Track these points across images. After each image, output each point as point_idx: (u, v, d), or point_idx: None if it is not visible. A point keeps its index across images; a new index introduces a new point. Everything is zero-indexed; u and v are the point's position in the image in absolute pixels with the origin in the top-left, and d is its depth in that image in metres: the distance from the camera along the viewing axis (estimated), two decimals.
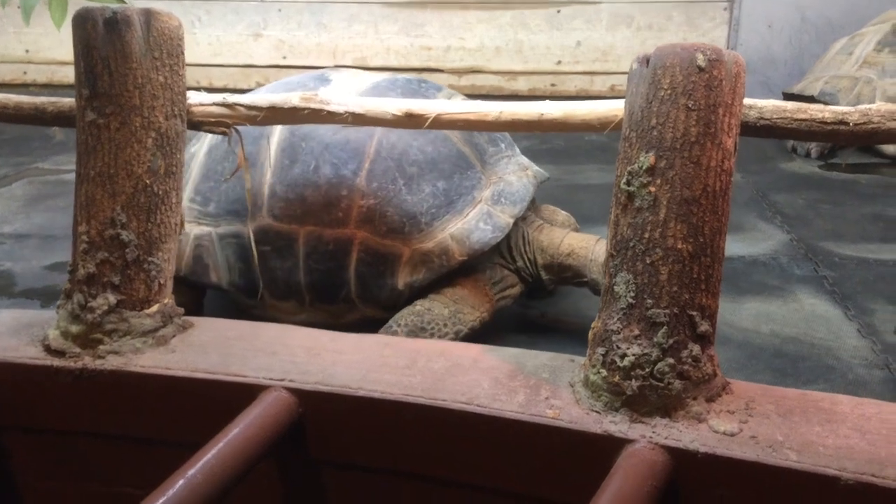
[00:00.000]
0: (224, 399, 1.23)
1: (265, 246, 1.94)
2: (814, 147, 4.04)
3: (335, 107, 1.44)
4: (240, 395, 1.22)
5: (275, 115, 1.47)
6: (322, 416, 1.23)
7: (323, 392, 1.21)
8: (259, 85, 5.48)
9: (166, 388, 1.28)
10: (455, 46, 5.32)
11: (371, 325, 1.94)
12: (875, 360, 1.99)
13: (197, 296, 2.15)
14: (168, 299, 1.39)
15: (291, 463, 1.28)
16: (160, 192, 1.36)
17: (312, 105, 1.44)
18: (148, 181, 1.35)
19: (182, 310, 1.42)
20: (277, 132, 1.98)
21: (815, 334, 2.13)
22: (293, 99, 1.45)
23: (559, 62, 5.29)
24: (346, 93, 1.99)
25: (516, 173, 2.06)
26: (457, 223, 1.92)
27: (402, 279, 1.90)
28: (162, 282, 1.38)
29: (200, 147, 2.10)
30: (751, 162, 3.94)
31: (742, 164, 3.88)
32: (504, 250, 2.07)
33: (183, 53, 1.40)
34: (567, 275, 2.10)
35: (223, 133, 1.48)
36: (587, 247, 2.08)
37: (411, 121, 1.43)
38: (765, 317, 2.23)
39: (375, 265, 1.91)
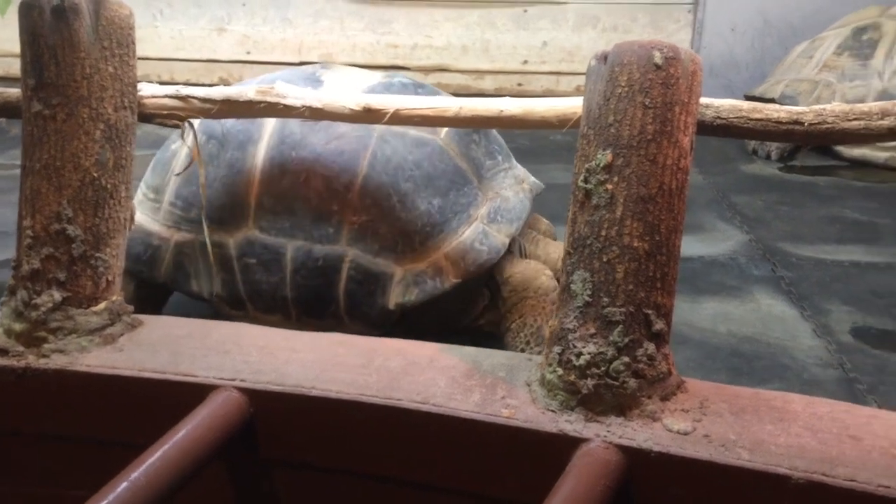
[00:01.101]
0: (173, 399, 1.20)
1: (250, 258, 1.87)
2: (773, 149, 4.09)
3: (292, 100, 1.42)
4: (189, 395, 1.19)
5: (230, 108, 1.44)
6: (274, 416, 1.20)
7: (275, 392, 1.18)
8: (222, 80, 5.40)
9: (113, 388, 1.24)
10: (422, 44, 5.30)
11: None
12: (829, 359, 2.02)
13: (157, 294, 2.08)
14: (116, 296, 1.35)
15: (242, 464, 1.25)
16: (108, 186, 1.32)
17: (269, 98, 1.42)
18: (96, 174, 1.31)
19: (131, 307, 1.38)
20: (266, 139, 1.87)
21: (771, 334, 2.15)
22: (249, 92, 1.42)
23: (525, 62, 5.30)
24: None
25: (513, 188, 1.99)
26: (452, 242, 1.85)
27: (394, 299, 1.83)
28: (110, 278, 1.34)
29: (181, 147, 2.00)
30: (712, 163, 3.98)
31: (703, 165, 3.92)
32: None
33: (134, 43, 1.36)
34: None
35: (175, 126, 1.44)
36: None
37: (369, 115, 1.41)
38: (722, 316, 2.25)
39: (366, 284, 1.85)
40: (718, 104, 1.30)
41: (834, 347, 2.08)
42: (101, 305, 1.32)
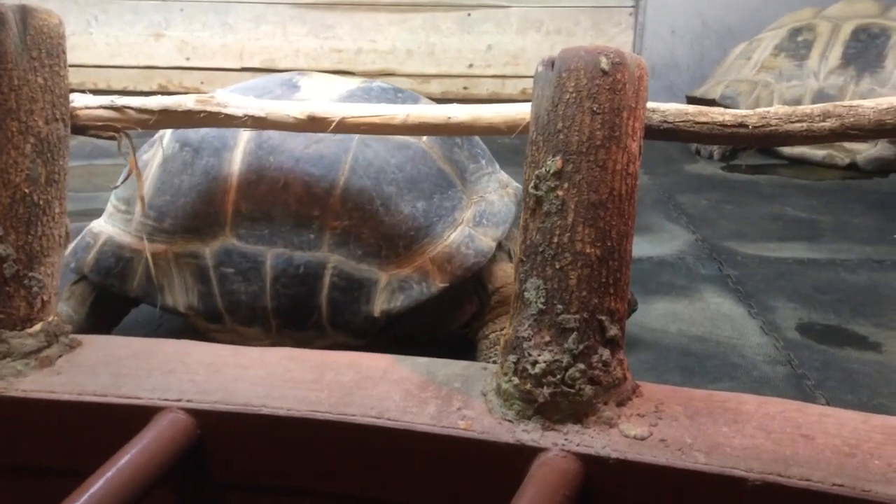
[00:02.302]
0: (116, 423, 1.15)
1: (228, 268, 1.79)
2: (716, 149, 4.18)
3: (233, 110, 1.38)
4: (133, 418, 1.14)
5: (168, 118, 1.39)
6: (223, 437, 1.16)
7: (223, 412, 1.14)
8: (161, 88, 5.28)
9: (52, 414, 1.18)
10: (366, 49, 5.26)
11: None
12: (777, 356, 2.06)
13: (115, 310, 2.01)
14: (53, 317, 1.29)
15: (191, 488, 1.20)
16: (41, 203, 1.26)
17: (209, 108, 1.37)
18: (27, 190, 1.25)
19: (69, 327, 1.32)
20: (242, 145, 1.80)
21: (720, 333, 2.18)
22: (188, 101, 1.38)
23: (471, 65, 5.31)
24: (318, 98, 1.84)
25: (497, 192, 1.95)
26: (437, 246, 1.80)
27: (379, 306, 1.77)
28: (45, 298, 1.28)
29: (154, 156, 1.91)
30: (657, 164, 4.04)
31: (648, 166, 3.98)
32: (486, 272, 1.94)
33: (64, 53, 1.31)
34: None
35: (111, 138, 1.39)
36: None
37: (314, 124, 1.38)
38: (673, 316, 2.28)
39: (350, 291, 1.79)
40: (665, 108, 1.30)
41: (781, 344, 2.12)
42: (37, 327, 1.26)
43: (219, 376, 1.22)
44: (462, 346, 1.91)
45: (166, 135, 1.90)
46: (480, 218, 1.86)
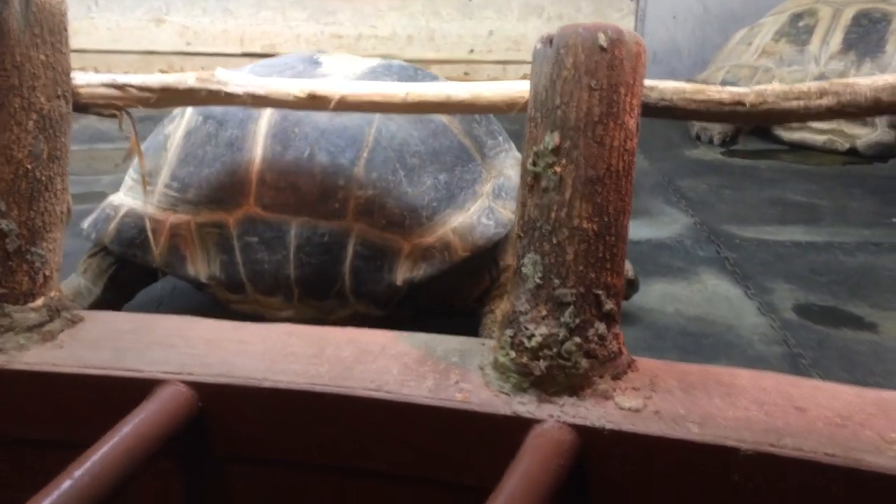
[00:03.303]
0: (117, 396, 1.17)
1: (251, 237, 1.82)
2: (716, 134, 4.18)
3: (234, 88, 1.38)
4: (134, 391, 1.16)
5: (169, 96, 1.40)
6: (224, 410, 1.17)
7: (224, 384, 1.16)
8: (162, 73, 5.28)
9: (54, 387, 1.20)
10: (367, 34, 5.26)
11: (362, 323, 1.85)
12: (774, 336, 2.07)
13: (134, 282, 2.03)
14: (55, 292, 1.31)
15: (193, 459, 1.22)
16: (43, 178, 1.27)
17: (209, 86, 1.38)
18: (29, 166, 1.26)
19: (72, 303, 1.34)
20: (266, 116, 1.84)
21: (717, 313, 2.19)
22: (188, 79, 1.38)
23: (472, 51, 5.31)
24: (340, 77, 1.89)
25: (514, 168, 1.98)
26: (459, 218, 1.83)
27: (402, 275, 1.80)
28: (47, 273, 1.29)
29: (176, 129, 1.94)
30: (657, 149, 4.04)
31: (649, 150, 3.98)
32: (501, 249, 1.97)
33: (66, 30, 1.31)
34: None
35: (112, 116, 1.40)
36: None
37: (315, 102, 1.39)
38: (670, 297, 2.29)
39: (373, 259, 1.81)
40: (663, 86, 1.30)
41: (778, 324, 2.13)
42: (39, 301, 1.27)
43: (220, 351, 1.24)
44: (467, 327, 1.93)
45: (188, 108, 1.93)
46: (499, 191, 1.90)
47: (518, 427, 1.10)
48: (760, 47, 4.38)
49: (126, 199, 1.95)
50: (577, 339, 1.14)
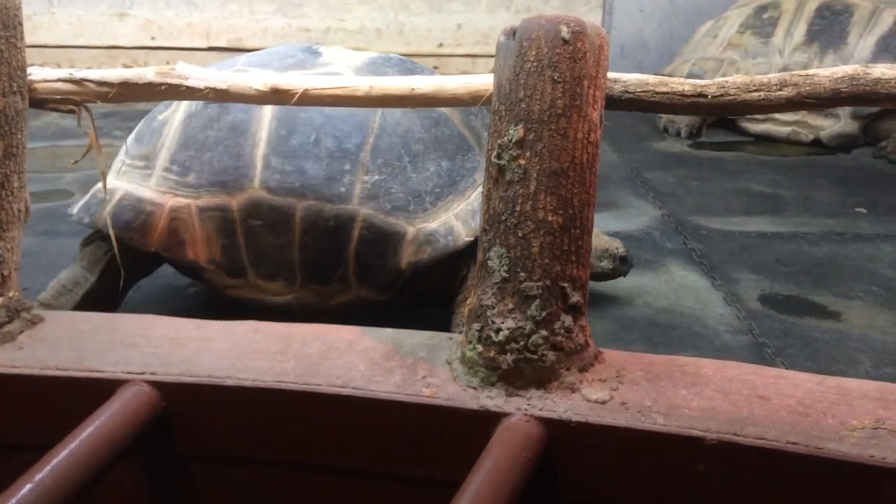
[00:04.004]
0: (78, 398, 1.15)
1: (256, 220, 1.83)
2: (683, 127, 4.22)
3: (195, 82, 1.36)
4: (96, 392, 1.14)
5: (128, 91, 1.37)
6: (188, 409, 1.16)
7: (187, 384, 1.14)
8: (126, 68, 5.19)
9: (14, 389, 1.18)
10: (335, 28, 5.22)
11: (361, 309, 1.91)
12: (739, 326, 2.10)
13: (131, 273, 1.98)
14: (14, 292, 1.28)
15: (157, 460, 1.20)
16: None
17: (170, 80, 1.36)
18: None
19: (31, 303, 1.31)
20: None
21: (684, 304, 2.22)
22: (148, 74, 1.36)
23: (441, 45, 5.29)
24: (339, 66, 1.92)
25: None
26: (460, 204, 1.88)
27: (406, 258, 1.83)
28: (5, 273, 1.26)
29: (174, 114, 1.95)
30: (625, 142, 4.07)
31: (617, 143, 4.01)
32: None
33: (21, 24, 1.28)
34: None
35: (70, 111, 1.37)
36: None
37: (277, 96, 1.37)
38: (638, 289, 2.31)
39: (378, 244, 1.84)
40: (626, 78, 1.31)
41: (743, 314, 2.16)
42: None
43: (182, 349, 1.22)
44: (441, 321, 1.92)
45: None
46: None
47: (486, 421, 1.10)
48: (726, 40, 4.43)
49: (121, 183, 1.93)
50: (544, 332, 1.14)
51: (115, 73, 1.39)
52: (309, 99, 1.39)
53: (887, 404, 1.08)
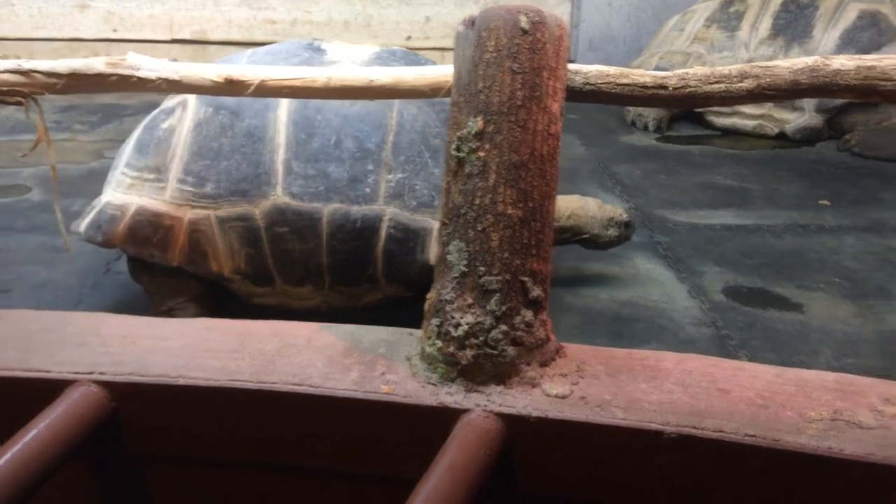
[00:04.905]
0: (24, 399, 1.11)
1: (281, 227, 1.81)
2: (651, 121, 4.23)
3: (146, 73, 1.33)
4: (42, 393, 1.10)
5: (77, 82, 1.33)
6: (138, 409, 1.13)
7: (137, 384, 1.11)
8: None
9: None
10: (301, 20, 5.16)
11: (392, 306, 1.90)
12: (703, 318, 2.10)
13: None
14: None
15: (107, 462, 1.17)
16: None
17: (120, 71, 1.32)
18: None
19: None
20: (285, 105, 1.84)
21: (649, 297, 2.22)
22: (97, 64, 1.32)
23: (409, 37, 5.26)
24: (346, 62, 1.91)
25: None
26: None
27: (434, 253, 1.81)
28: None
29: (181, 122, 1.89)
30: (593, 135, 4.07)
31: (585, 137, 4.01)
32: None
33: None
34: (565, 236, 2.15)
35: (18, 104, 1.32)
36: (582, 206, 2.16)
37: (232, 87, 1.34)
38: (604, 282, 2.31)
39: (406, 241, 1.84)
40: (587, 70, 1.30)
41: (707, 307, 2.17)
42: None
43: (134, 348, 1.19)
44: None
45: (190, 100, 1.90)
46: None
47: (445, 418, 1.08)
48: (692, 34, 4.45)
49: (130, 197, 1.87)
50: (504, 327, 1.12)
51: (63, 64, 1.34)
52: (266, 90, 1.35)
53: (845, 395, 1.08)
